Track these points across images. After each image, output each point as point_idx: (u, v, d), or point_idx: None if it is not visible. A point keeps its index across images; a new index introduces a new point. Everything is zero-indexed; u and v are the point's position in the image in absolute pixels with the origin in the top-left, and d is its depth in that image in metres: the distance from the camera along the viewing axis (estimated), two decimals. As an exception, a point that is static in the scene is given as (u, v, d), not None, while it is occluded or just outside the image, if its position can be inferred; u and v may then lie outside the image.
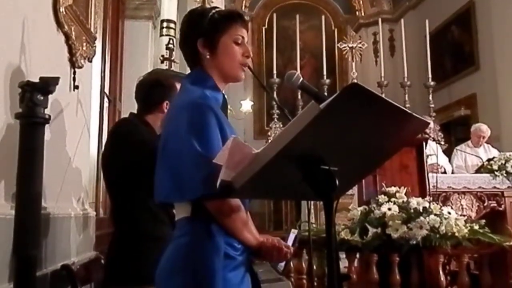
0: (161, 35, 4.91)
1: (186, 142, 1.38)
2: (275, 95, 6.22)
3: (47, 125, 1.94)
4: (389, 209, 3.35)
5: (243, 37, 1.58)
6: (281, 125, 6.16)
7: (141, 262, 2.00)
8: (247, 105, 9.45)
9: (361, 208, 3.58)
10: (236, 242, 1.46)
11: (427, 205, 3.40)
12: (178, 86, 2.31)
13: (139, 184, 2.06)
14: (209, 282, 1.36)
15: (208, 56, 1.55)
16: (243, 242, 1.47)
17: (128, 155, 2.12)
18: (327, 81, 6.24)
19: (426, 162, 4.19)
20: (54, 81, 1.91)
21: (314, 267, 3.66)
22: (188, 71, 1.67)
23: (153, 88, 2.32)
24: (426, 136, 4.40)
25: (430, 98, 6.07)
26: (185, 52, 1.62)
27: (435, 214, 3.30)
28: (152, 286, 1.81)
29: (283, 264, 1.98)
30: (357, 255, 3.53)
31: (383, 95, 1.20)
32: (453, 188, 4.73)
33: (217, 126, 1.43)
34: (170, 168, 1.42)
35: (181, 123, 1.42)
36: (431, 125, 5.31)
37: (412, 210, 3.35)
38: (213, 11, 1.58)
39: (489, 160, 5.12)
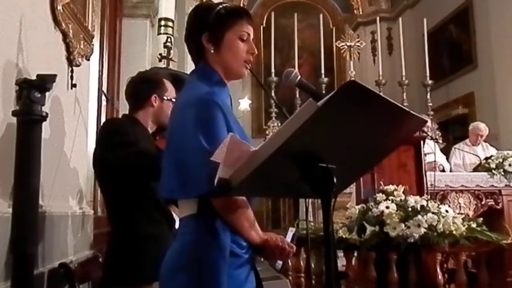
0: (159, 33, 4.89)
1: (193, 138, 1.37)
2: (273, 94, 6.22)
3: (44, 124, 1.94)
4: (387, 207, 3.36)
5: (248, 34, 1.57)
6: (279, 124, 6.15)
7: (137, 261, 2.00)
8: (245, 104, 9.45)
9: (359, 206, 3.58)
10: (242, 240, 1.45)
11: (425, 203, 3.40)
12: (166, 82, 2.31)
13: (129, 184, 2.04)
14: (214, 280, 1.36)
15: (212, 51, 1.55)
16: (248, 240, 1.46)
17: (113, 156, 2.09)
18: (325, 79, 6.22)
19: (424, 160, 4.20)
20: (51, 78, 1.91)
21: (312, 265, 3.67)
22: (186, 69, 1.67)
23: (139, 84, 2.31)
24: (424, 134, 4.41)
25: (428, 96, 6.07)
26: (190, 46, 1.61)
27: (433, 213, 3.30)
28: (149, 285, 1.81)
29: (281, 262, 1.99)
30: (355, 253, 3.54)
31: (381, 94, 1.19)
32: (450, 187, 4.74)
33: (224, 122, 1.42)
34: (177, 164, 1.42)
35: (188, 119, 1.41)
36: (429, 123, 5.31)
37: (410, 209, 3.36)
38: (220, 6, 1.58)
39: (486, 158, 5.13)
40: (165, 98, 2.27)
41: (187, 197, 1.44)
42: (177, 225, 2.12)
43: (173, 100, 2.27)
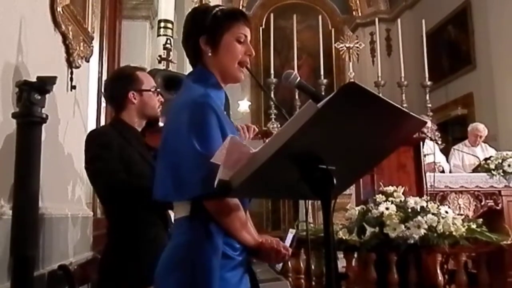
0: (159, 35, 4.89)
1: (187, 141, 1.38)
2: (272, 95, 6.22)
3: (44, 126, 1.94)
4: (387, 208, 3.36)
5: (245, 36, 1.57)
6: (279, 125, 6.15)
7: (135, 263, 1.98)
8: (244, 105, 9.45)
9: (359, 207, 3.58)
10: (235, 242, 1.45)
11: (424, 204, 3.40)
12: (139, 74, 2.22)
13: (118, 190, 2.03)
14: (206, 281, 1.36)
15: (209, 54, 1.54)
16: (241, 242, 1.46)
17: (88, 172, 2.11)
18: (325, 81, 6.23)
19: (424, 161, 4.21)
20: (51, 80, 1.91)
21: (312, 266, 3.67)
22: (185, 70, 1.67)
23: (113, 85, 2.24)
24: (424, 135, 4.41)
25: (427, 97, 6.08)
26: (187, 49, 1.61)
27: (433, 213, 3.30)
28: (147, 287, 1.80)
29: (281, 263, 1.99)
30: (355, 255, 3.54)
31: (380, 95, 1.20)
32: (450, 187, 4.74)
33: (218, 125, 1.43)
34: (170, 166, 1.42)
35: (182, 122, 1.41)
36: (429, 124, 5.31)
37: (409, 210, 3.36)
38: (217, 8, 1.58)
39: (486, 159, 5.13)
40: (143, 90, 2.19)
41: (181, 199, 1.45)
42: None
43: (152, 89, 2.21)
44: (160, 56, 4.59)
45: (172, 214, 2.15)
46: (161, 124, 2.20)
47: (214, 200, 1.38)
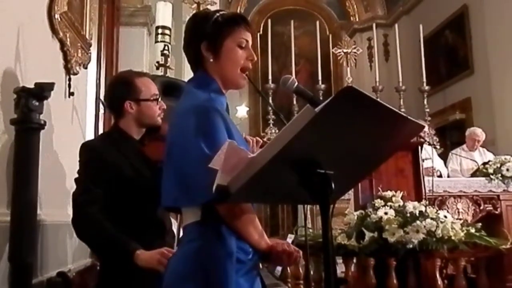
0: (156, 41, 4.92)
1: (195, 146, 1.36)
2: (270, 101, 6.22)
3: (42, 132, 1.94)
4: (386, 213, 3.36)
5: (247, 41, 1.56)
6: (277, 130, 6.14)
7: (129, 275, 1.96)
8: (242, 111, 9.47)
9: (358, 212, 3.58)
10: (247, 246, 1.43)
11: (423, 209, 3.41)
12: (138, 81, 2.12)
13: (82, 223, 1.95)
14: (223, 287, 1.34)
15: (211, 60, 1.53)
16: (254, 246, 1.44)
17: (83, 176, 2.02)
18: (322, 86, 6.23)
19: (422, 166, 4.21)
20: (49, 86, 1.91)
21: (311, 272, 3.66)
22: (184, 76, 1.67)
23: (111, 93, 2.16)
24: (422, 140, 4.42)
25: (425, 102, 6.08)
26: (189, 55, 1.60)
27: (432, 218, 3.31)
28: None
29: (280, 269, 1.97)
30: (354, 260, 3.53)
31: (378, 100, 1.19)
32: (449, 192, 4.74)
33: (224, 128, 1.42)
34: (178, 172, 1.40)
35: (188, 127, 1.39)
36: (426, 129, 5.32)
37: (408, 214, 3.36)
38: (217, 14, 1.56)
39: (484, 163, 5.14)
40: (140, 100, 2.08)
41: (192, 204, 1.42)
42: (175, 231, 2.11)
43: (152, 98, 2.11)
44: (158, 62, 4.61)
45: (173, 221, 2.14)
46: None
47: (226, 204, 1.34)
